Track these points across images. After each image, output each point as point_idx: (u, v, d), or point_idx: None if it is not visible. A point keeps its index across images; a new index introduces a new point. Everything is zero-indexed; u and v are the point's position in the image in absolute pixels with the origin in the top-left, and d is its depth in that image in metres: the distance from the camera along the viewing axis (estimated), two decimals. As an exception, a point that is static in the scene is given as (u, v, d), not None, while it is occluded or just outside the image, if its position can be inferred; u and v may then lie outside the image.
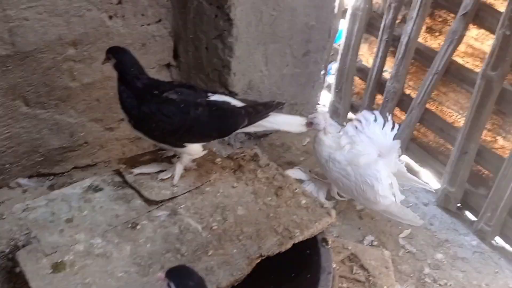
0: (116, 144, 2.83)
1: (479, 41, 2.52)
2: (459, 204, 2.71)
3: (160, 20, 2.62)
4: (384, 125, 2.39)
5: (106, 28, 2.42)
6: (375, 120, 2.38)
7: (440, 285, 2.22)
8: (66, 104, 2.52)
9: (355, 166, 2.25)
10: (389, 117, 2.41)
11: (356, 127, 2.36)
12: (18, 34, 2.16)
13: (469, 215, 2.73)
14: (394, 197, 2.27)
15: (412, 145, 3.00)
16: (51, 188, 2.57)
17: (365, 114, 2.40)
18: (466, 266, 2.37)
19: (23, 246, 1.68)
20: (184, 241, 1.73)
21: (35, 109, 2.43)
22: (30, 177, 2.62)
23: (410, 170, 3.03)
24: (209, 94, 1.94)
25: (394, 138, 2.39)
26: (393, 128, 2.38)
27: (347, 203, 2.64)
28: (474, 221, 2.63)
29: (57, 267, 1.59)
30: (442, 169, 2.75)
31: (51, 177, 2.70)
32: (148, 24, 2.58)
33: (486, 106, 2.36)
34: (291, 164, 2.93)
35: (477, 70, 2.46)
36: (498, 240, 2.56)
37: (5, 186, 2.54)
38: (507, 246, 2.53)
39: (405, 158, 3.10)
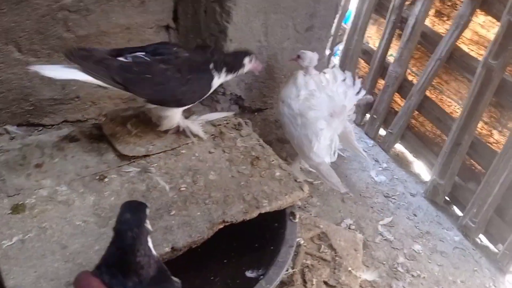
0: (108, 102, 2.79)
1: (485, 29, 2.38)
2: (447, 198, 2.62)
3: (161, -22, 2.56)
4: (349, 88, 2.28)
5: (104, -20, 2.37)
6: (343, 80, 2.29)
7: (412, 276, 2.15)
8: (59, 55, 2.48)
9: (304, 117, 2.22)
10: (358, 82, 2.30)
11: (322, 82, 2.29)
12: (13, -24, 2.13)
13: (456, 210, 2.64)
14: (330, 157, 2.25)
15: (408, 133, 2.90)
16: (38, 138, 2.55)
17: (335, 71, 2.31)
18: (444, 260, 2.29)
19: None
20: (149, 198, 1.70)
21: (28, 56, 2.40)
22: (19, 125, 2.62)
23: (403, 160, 2.96)
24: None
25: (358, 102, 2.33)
26: (358, 93, 2.27)
27: (332, 185, 2.58)
28: (460, 216, 2.54)
29: (16, 208, 1.59)
30: (435, 161, 2.65)
31: (40, 128, 2.69)
32: (149, -19, 2.52)
33: (484, 96, 2.25)
34: (282, 142, 2.87)
35: (481, 59, 2.34)
36: (483, 239, 2.48)
37: (-7, 131, 2.56)
38: (490, 246, 2.44)
39: (399, 147, 3.01)
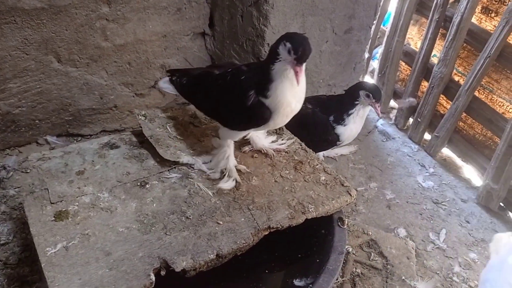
0: (146, 111, 2.79)
1: (540, 22, 2.24)
2: (501, 204, 2.46)
3: (197, -15, 2.55)
4: None
5: (141, -12, 2.37)
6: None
7: (470, 286, 2.01)
8: (97, 64, 2.51)
9: None
10: None
11: None
12: (53, -13, 2.15)
13: (512, 216, 2.48)
14: None
15: (456, 137, 2.75)
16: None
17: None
18: (503, 270, 2.13)
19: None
20: (191, 205, 1.65)
21: (67, 66, 2.43)
22: (58, 135, 2.65)
23: (451, 164, 2.81)
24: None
25: None
26: None
27: (376, 191, 2.47)
28: (517, 223, 2.38)
29: (59, 215, 1.57)
30: (487, 165, 2.50)
31: (79, 138, 2.71)
32: (185, -11, 2.51)
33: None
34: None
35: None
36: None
37: (34, 142, 2.58)
38: (553, 254, 2.25)
39: (446, 151, 2.86)
